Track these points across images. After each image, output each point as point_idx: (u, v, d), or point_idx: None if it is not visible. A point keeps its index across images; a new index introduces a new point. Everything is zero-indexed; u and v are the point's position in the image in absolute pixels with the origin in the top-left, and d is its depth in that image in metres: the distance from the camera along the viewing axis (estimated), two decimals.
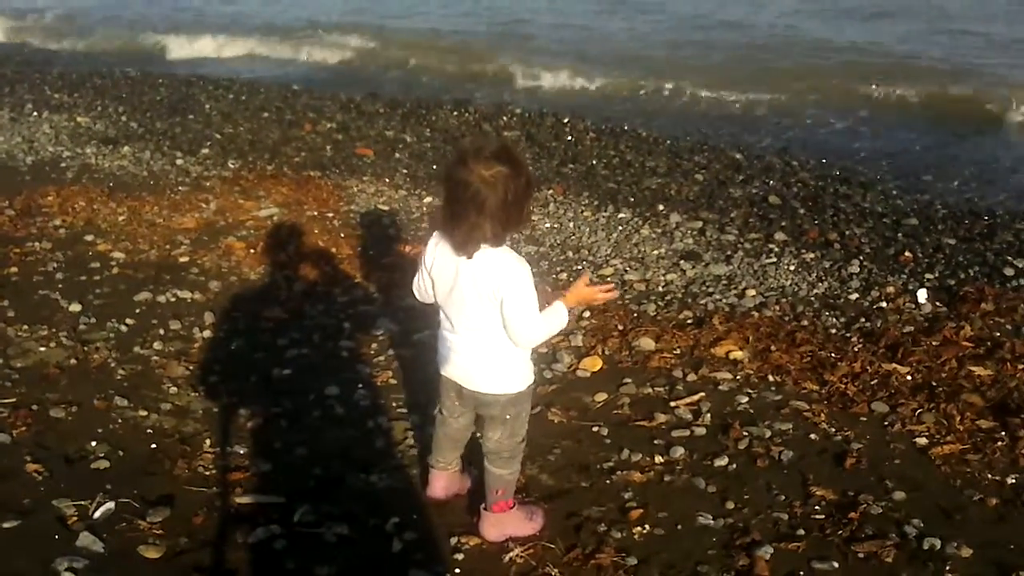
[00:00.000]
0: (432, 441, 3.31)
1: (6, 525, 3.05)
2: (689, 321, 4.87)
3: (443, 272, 2.77)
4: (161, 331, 4.79)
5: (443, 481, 3.32)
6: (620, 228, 6.41)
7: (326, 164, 8.02)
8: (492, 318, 2.75)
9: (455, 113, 10.10)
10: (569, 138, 9.03)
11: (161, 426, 3.90)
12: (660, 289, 5.37)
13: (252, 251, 5.86)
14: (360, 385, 4.29)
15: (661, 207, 6.81)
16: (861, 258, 5.74)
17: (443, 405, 3.13)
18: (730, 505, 3.32)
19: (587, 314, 4.90)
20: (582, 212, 6.76)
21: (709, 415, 3.95)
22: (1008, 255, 5.73)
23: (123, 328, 4.79)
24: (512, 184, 2.53)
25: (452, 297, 2.79)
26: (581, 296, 2.96)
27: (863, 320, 4.84)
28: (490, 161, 2.52)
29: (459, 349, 2.89)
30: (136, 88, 11.51)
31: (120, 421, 3.91)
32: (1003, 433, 3.70)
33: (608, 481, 3.50)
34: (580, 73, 12.53)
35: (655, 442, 3.76)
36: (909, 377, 4.19)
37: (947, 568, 2.93)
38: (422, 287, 2.92)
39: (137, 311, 4.99)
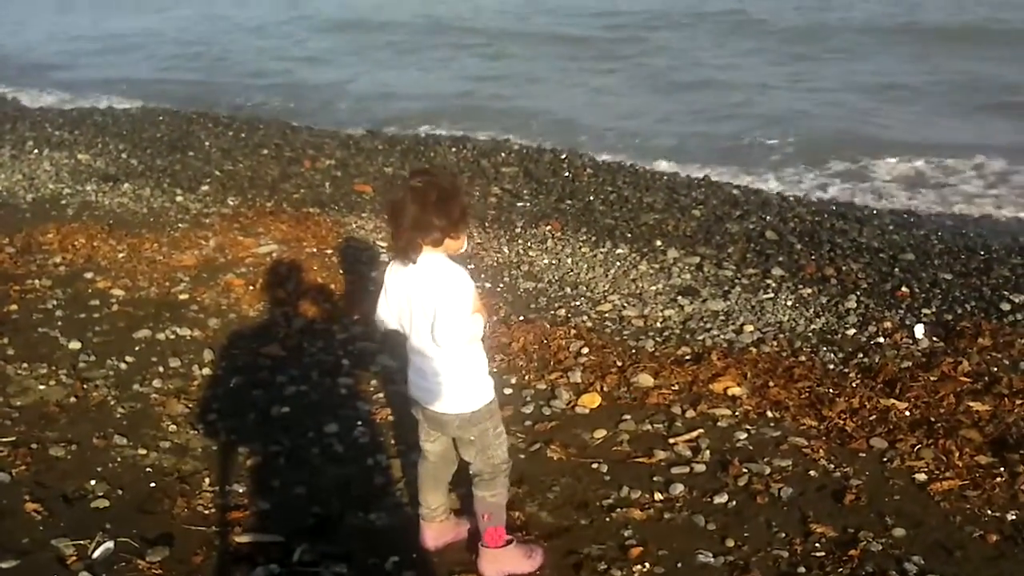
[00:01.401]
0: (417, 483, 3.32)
1: (5, 565, 3.05)
2: (687, 357, 4.89)
3: (397, 291, 2.98)
4: (160, 369, 4.80)
5: (432, 532, 3.33)
6: (618, 264, 6.44)
7: (325, 201, 8.07)
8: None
9: (453, 149, 10.18)
10: (567, 174, 9.09)
11: (160, 464, 3.90)
12: (658, 325, 5.39)
13: (251, 288, 5.88)
14: (359, 422, 4.30)
15: (659, 243, 6.85)
16: (858, 293, 5.75)
17: (419, 431, 3.19)
18: (730, 543, 3.32)
19: (585, 350, 4.91)
20: (580, 248, 6.79)
21: (708, 452, 3.95)
22: (1004, 290, 5.74)
23: (123, 366, 4.80)
24: (436, 188, 2.84)
25: (404, 315, 2.97)
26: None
27: (861, 355, 4.85)
28: (414, 176, 2.90)
29: (417, 368, 3.03)
30: (136, 125, 11.59)
31: (119, 459, 3.91)
32: (1002, 469, 3.70)
33: (608, 519, 3.50)
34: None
35: (654, 479, 3.76)
36: (907, 413, 4.20)
37: None
38: (383, 312, 3.07)
39: (137, 349, 5.00)
